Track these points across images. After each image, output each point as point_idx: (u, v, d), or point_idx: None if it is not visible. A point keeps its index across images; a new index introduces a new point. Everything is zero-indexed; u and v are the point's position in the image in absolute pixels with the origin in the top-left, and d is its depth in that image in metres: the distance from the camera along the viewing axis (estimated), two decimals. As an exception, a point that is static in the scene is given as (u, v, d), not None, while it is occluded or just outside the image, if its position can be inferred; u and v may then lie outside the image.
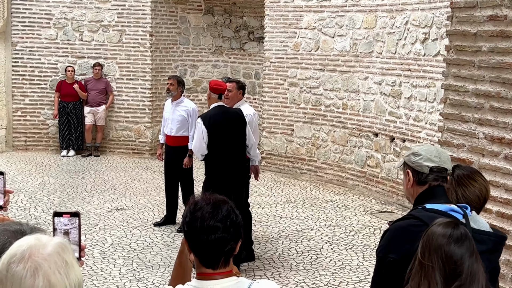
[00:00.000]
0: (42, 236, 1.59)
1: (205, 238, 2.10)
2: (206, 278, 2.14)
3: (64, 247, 1.57)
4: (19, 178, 9.90)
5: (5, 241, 1.87)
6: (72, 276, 1.54)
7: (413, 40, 8.54)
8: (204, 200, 2.17)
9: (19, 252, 1.54)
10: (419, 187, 2.73)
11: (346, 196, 9.41)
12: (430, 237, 2.16)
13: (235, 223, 2.15)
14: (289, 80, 10.65)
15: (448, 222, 2.22)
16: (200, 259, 2.15)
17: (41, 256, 1.53)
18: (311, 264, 6.51)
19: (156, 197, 8.94)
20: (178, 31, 12.30)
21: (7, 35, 11.74)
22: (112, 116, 12.13)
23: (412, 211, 2.69)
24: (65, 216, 2.03)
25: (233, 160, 6.25)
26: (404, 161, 2.80)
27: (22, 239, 1.59)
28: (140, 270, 6.22)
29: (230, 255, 2.16)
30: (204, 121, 6.18)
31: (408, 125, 8.65)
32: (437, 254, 2.12)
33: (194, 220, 2.13)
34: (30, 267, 1.51)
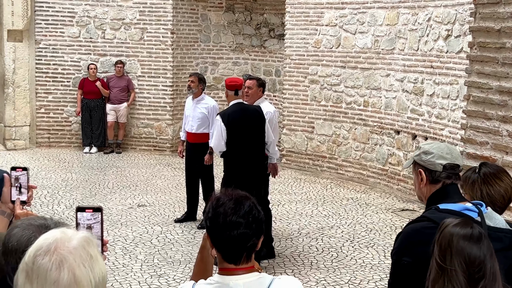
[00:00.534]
0: (68, 230, 1.61)
1: (228, 234, 2.12)
2: (228, 273, 2.16)
3: (89, 241, 1.59)
4: (43, 174, 10.01)
5: (30, 235, 1.90)
6: (97, 269, 1.56)
7: (435, 37, 8.47)
8: (226, 196, 2.18)
9: (45, 245, 1.56)
10: (432, 186, 2.70)
11: (367, 194, 9.37)
12: (448, 239, 2.10)
13: (257, 219, 2.16)
14: (310, 77, 10.63)
15: (463, 221, 2.17)
16: (222, 254, 2.16)
17: (67, 249, 1.55)
18: (332, 262, 6.50)
19: (177, 193, 8.99)
20: (199, 28, 12.34)
21: (30, 33, 11.87)
22: (134, 113, 12.21)
23: (426, 213, 2.65)
24: (87, 211, 2.06)
25: (251, 157, 6.26)
26: (415, 161, 2.75)
27: (48, 233, 1.61)
28: (161, 266, 6.26)
29: (252, 251, 2.17)
30: (223, 119, 6.19)
31: (430, 122, 8.59)
32: (459, 257, 2.07)
33: (216, 215, 2.14)
34: (56, 260, 1.53)
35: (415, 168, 2.75)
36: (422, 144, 2.80)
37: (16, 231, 1.94)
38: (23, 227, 1.95)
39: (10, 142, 11.90)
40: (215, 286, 2.16)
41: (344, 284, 5.93)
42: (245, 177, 6.14)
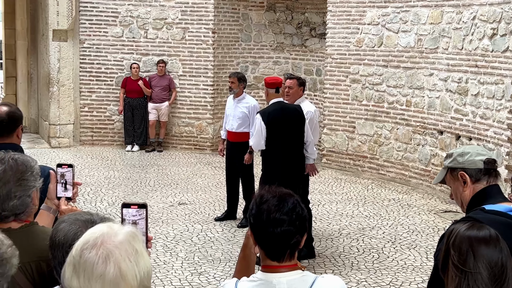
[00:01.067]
0: (114, 225, 1.63)
1: (271, 231, 2.11)
2: (271, 271, 2.15)
3: (134, 236, 1.61)
4: (86, 172, 10.17)
5: (76, 230, 1.93)
6: (142, 264, 1.57)
7: (480, 35, 8.30)
8: (270, 193, 2.18)
9: (92, 239, 1.58)
10: (476, 186, 2.65)
11: (409, 195, 9.25)
12: (468, 243, 2.03)
13: (301, 216, 2.15)
14: (351, 76, 10.55)
15: (475, 224, 2.11)
16: (265, 251, 2.15)
17: (113, 243, 1.56)
18: (373, 263, 6.43)
19: (217, 192, 9.02)
20: (240, 28, 12.37)
21: (75, 33, 12.08)
22: (175, 112, 12.31)
23: (471, 213, 2.59)
24: (133, 208, 2.08)
25: (290, 156, 6.24)
26: (450, 168, 2.70)
27: (95, 227, 1.63)
28: (202, 264, 6.29)
29: (296, 248, 2.16)
30: (263, 117, 6.19)
31: (475, 122, 8.43)
32: (483, 260, 2.02)
33: (260, 212, 2.14)
34: (102, 254, 1.54)
35: (453, 174, 2.70)
36: (451, 151, 2.77)
37: (63, 226, 1.98)
38: (70, 222, 1.98)
39: (54, 140, 12.14)
40: (258, 283, 2.15)
41: (385, 286, 5.87)
42: (283, 176, 6.12)
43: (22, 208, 2.26)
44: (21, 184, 2.25)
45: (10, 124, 3.16)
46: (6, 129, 3.15)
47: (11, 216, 2.25)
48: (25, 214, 2.28)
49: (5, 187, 2.23)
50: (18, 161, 2.27)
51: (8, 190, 2.23)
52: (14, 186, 2.24)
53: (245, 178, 7.74)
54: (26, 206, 2.28)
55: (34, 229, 2.28)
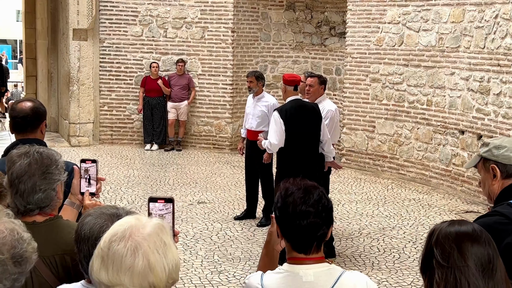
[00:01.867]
0: (142, 217, 1.62)
1: (298, 223, 2.10)
2: (298, 263, 2.14)
3: (162, 228, 1.59)
4: (105, 170, 10.21)
5: (102, 224, 1.92)
6: (170, 256, 1.56)
7: (503, 34, 8.20)
8: (295, 186, 2.17)
9: (120, 231, 1.57)
10: (505, 181, 2.61)
11: (430, 195, 9.17)
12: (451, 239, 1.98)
13: (327, 208, 2.14)
14: (371, 75, 10.48)
15: (456, 220, 2.07)
16: (292, 244, 2.14)
17: (141, 235, 1.55)
18: (394, 263, 6.38)
19: (236, 191, 9.01)
20: (259, 27, 12.35)
21: (95, 32, 12.15)
22: (194, 111, 12.33)
23: (498, 207, 2.56)
24: (159, 202, 2.07)
25: (306, 154, 6.19)
26: (483, 158, 2.65)
27: (123, 219, 1.62)
28: (221, 263, 6.28)
29: (322, 240, 2.15)
30: (281, 114, 6.16)
31: (497, 122, 8.33)
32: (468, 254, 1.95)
33: (286, 205, 2.13)
34: (131, 246, 1.53)
35: (485, 165, 2.65)
36: (489, 140, 2.71)
37: (88, 220, 1.97)
38: (96, 216, 1.98)
39: (74, 139, 12.21)
40: (284, 275, 2.14)
41: (406, 286, 5.81)
42: (298, 174, 6.08)
43: (47, 201, 2.27)
44: (46, 177, 2.26)
45: (34, 119, 3.17)
46: (30, 124, 3.16)
47: (36, 209, 2.25)
48: (49, 208, 2.28)
49: (30, 180, 2.23)
50: (43, 155, 2.27)
51: (33, 183, 2.23)
52: (39, 180, 2.24)
53: (264, 177, 7.71)
54: (51, 200, 2.28)
55: (58, 223, 2.29)
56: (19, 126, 3.19)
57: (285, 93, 6.44)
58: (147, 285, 1.53)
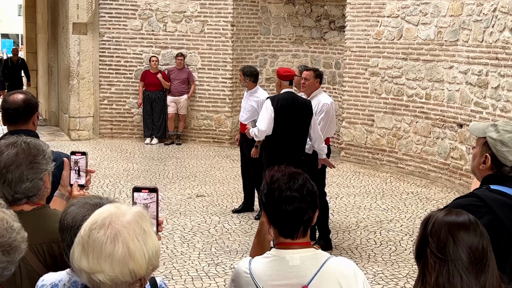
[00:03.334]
0: (121, 205, 1.64)
1: (284, 209, 2.15)
2: (285, 247, 2.18)
3: (142, 216, 1.62)
4: (105, 164, 10.25)
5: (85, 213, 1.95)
6: (150, 243, 1.59)
7: (501, 27, 8.20)
8: (280, 172, 2.21)
9: (100, 219, 1.59)
10: (491, 171, 2.62)
11: (428, 188, 9.19)
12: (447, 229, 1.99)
13: (311, 192, 2.18)
14: (370, 69, 10.49)
15: (453, 210, 2.07)
16: (279, 229, 2.19)
17: (121, 223, 1.58)
18: (390, 256, 6.41)
19: (235, 184, 9.04)
20: (259, 21, 12.35)
21: (95, 26, 12.16)
22: (194, 105, 12.35)
23: (476, 190, 2.59)
24: (144, 192, 2.10)
25: (291, 146, 6.18)
26: (487, 142, 2.63)
27: (103, 207, 1.65)
28: (219, 255, 6.31)
29: (309, 225, 2.19)
30: (272, 102, 6.17)
31: (495, 116, 8.33)
32: (463, 246, 1.97)
33: (271, 191, 2.18)
34: (110, 234, 1.56)
35: (483, 148, 2.63)
36: (502, 128, 2.62)
37: (71, 209, 2.00)
38: (79, 206, 2.01)
39: (74, 133, 12.25)
40: (272, 259, 2.18)
41: (402, 278, 5.84)
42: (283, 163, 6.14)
43: (34, 190, 2.29)
44: (33, 167, 2.28)
45: (26, 111, 3.21)
46: (23, 116, 3.20)
47: (23, 198, 2.28)
48: (37, 197, 2.31)
49: (17, 170, 2.26)
50: (30, 145, 2.30)
51: (21, 173, 2.26)
52: (26, 169, 2.27)
53: (254, 170, 7.71)
54: (38, 189, 2.31)
55: (46, 212, 2.32)
56: (11, 117, 3.23)
57: (280, 87, 6.45)
58: (127, 272, 1.55)
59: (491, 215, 2.47)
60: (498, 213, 2.47)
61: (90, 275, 1.56)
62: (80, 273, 1.58)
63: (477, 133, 2.71)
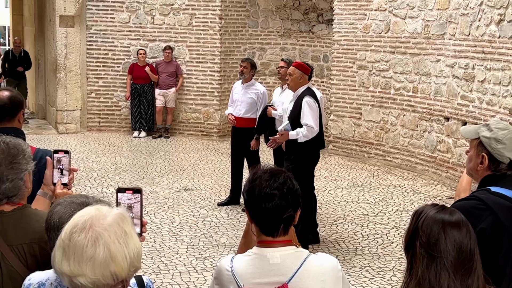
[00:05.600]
0: (102, 207, 1.65)
1: (263, 206, 2.16)
2: (265, 245, 2.20)
3: (123, 218, 1.62)
4: (93, 157, 10.22)
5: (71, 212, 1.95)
6: (131, 245, 1.59)
7: (487, 21, 8.24)
8: (262, 170, 2.23)
9: (81, 222, 1.60)
10: (489, 171, 2.62)
11: (415, 181, 9.24)
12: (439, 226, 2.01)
13: (292, 191, 2.19)
14: (358, 63, 10.51)
15: (445, 208, 2.09)
16: (260, 227, 2.21)
17: (102, 226, 1.58)
18: (377, 249, 6.45)
19: (223, 178, 9.05)
20: (247, 14, 12.33)
21: (82, 19, 12.09)
22: (182, 98, 12.33)
23: (476, 192, 2.59)
24: (128, 192, 2.10)
25: (319, 143, 6.28)
26: (481, 141, 2.63)
27: (83, 210, 1.65)
28: (207, 249, 6.33)
29: (290, 223, 2.20)
30: (315, 100, 6.13)
31: (481, 109, 8.39)
32: (452, 244, 1.99)
33: (252, 188, 2.20)
34: (91, 237, 1.56)
35: (478, 148, 2.64)
36: (493, 125, 2.63)
37: (58, 209, 2.00)
38: (65, 205, 2.01)
39: (61, 126, 12.20)
40: (253, 257, 2.20)
41: (388, 271, 5.88)
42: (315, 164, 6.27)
43: (15, 191, 2.28)
44: (13, 167, 2.27)
45: (12, 108, 3.19)
46: (8, 113, 3.18)
47: (3, 199, 2.27)
48: (17, 197, 2.30)
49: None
50: (9, 145, 2.28)
51: (0, 173, 2.25)
52: (6, 169, 2.25)
53: (251, 163, 7.74)
54: (19, 189, 2.29)
55: (26, 212, 2.31)
56: None
57: (300, 80, 6.20)
58: (109, 275, 1.56)
59: (494, 218, 2.48)
60: (500, 217, 2.48)
61: (71, 278, 1.56)
62: (62, 276, 1.59)
63: (469, 135, 2.71)
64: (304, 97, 6.09)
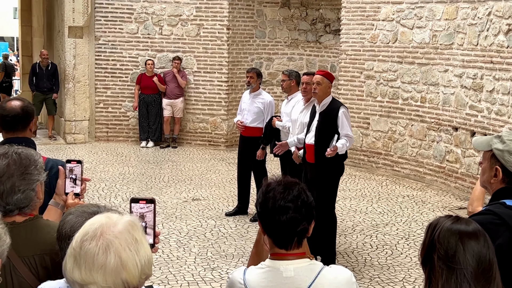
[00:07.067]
0: (113, 215, 1.64)
1: (277, 218, 2.14)
2: (279, 258, 2.17)
3: (133, 225, 1.62)
4: (101, 167, 10.24)
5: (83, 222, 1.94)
6: (142, 252, 1.59)
7: (496, 31, 8.23)
8: (275, 182, 2.21)
9: (91, 230, 1.59)
10: (504, 184, 2.59)
11: (424, 191, 9.20)
12: (457, 237, 1.99)
13: (306, 203, 2.17)
14: (366, 72, 10.50)
15: (461, 218, 2.06)
16: (273, 239, 2.18)
17: (112, 233, 1.58)
18: (386, 260, 6.41)
19: (230, 188, 9.04)
20: (255, 24, 12.36)
21: (90, 30, 12.16)
22: (189, 108, 12.35)
23: (491, 207, 2.55)
24: (141, 203, 2.10)
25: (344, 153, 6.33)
26: (494, 154, 2.59)
27: (94, 218, 1.64)
28: (215, 260, 6.31)
29: (303, 236, 2.18)
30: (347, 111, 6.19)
31: (490, 119, 8.36)
32: (471, 255, 1.96)
33: (266, 200, 2.17)
34: (102, 245, 1.56)
35: (491, 160, 2.60)
36: (507, 138, 2.59)
37: (69, 218, 2.00)
38: (77, 214, 2.00)
39: (70, 136, 12.23)
40: (266, 270, 2.18)
41: (398, 282, 5.85)
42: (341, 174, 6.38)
43: (26, 201, 2.27)
44: (25, 178, 2.26)
45: (24, 118, 3.19)
46: (21, 123, 3.19)
47: (15, 210, 2.26)
48: (29, 208, 2.29)
49: (8, 181, 2.24)
50: (21, 155, 2.28)
51: (12, 184, 2.24)
52: (17, 180, 2.25)
53: (257, 173, 7.74)
54: (30, 200, 2.29)
55: (38, 223, 2.30)
56: (9, 125, 3.21)
57: (328, 89, 6.16)
58: (120, 282, 1.55)
59: (510, 233, 2.45)
60: None
61: (83, 286, 1.56)
62: (73, 284, 1.58)
63: (481, 147, 2.68)
64: (338, 108, 6.06)
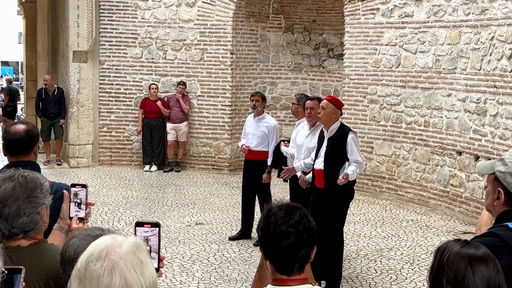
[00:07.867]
0: (118, 236, 1.63)
1: (278, 244, 2.12)
2: (281, 284, 2.15)
3: (139, 246, 1.61)
4: (104, 191, 10.22)
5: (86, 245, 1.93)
6: (147, 274, 1.57)
7: (499, 56, 8.26)
8: (277, 206, 2.19)
9: (97, 251, 1.58)
10: (507, 206, 2.59)
11: (428, 216, 9.15)
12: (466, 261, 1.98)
13: (308, 228, 2.15)
14: (369, 97, 10.53)
15: (468, 242, 2.06)
16: (275, 265, 2.16)
17: (117, 255, 1.56)
18: (391, 284, 6.36)
19: (234, 212, 9.01)
20: (258, 49, 12.43)
21: (95, 54, 12.23)
22: (193, 132, 12.37)
23: (494, 229, 2.55)
24: (146, 226, 2.08)
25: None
26: (497, 177, 2.60)
27: (99, 239, 1.63)
28: (218, 284, 6.26)
29: (305, 261, 2.15)
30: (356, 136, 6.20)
31: (493, 143, 8.35)
32: (482, 280, 1.95)
33: (267, 226, 2.15)
34: (107, 266, 1.54)
35: (494, 183, 2.62)
36: (509, 160, 2.60)
37: (73, 241, 1.98)
38: (81, 238, 1.99)
39: (73, 160, 12.23)
40: None
41: (403, 308, 5.79)
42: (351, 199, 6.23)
43: (32, 225, 2.26)
44: (31, 201, 2.25)
45: (28, 142, 3.19)
46: (25, 147, 3.18)
47: (20, 233, 2.25)
48: (34, 232, 2.28)
49: (14, 204, 2.23)
50: (27, 178, 2.27)
51: (18, 207, 2.23)
52: (23, 204, 2.24)
53: (262, 196, 7.73)
54: (36, 224, 2.28)
55: (43, 247, 2.29)
56: (13, 148, 3.21)
57: (333, 115, 6.09)
58: None
59: None
60: None
61: None
62: (78, 306, 1.57)
63: (485, 170, 2.70)
64: (347, 134, 6.04)
